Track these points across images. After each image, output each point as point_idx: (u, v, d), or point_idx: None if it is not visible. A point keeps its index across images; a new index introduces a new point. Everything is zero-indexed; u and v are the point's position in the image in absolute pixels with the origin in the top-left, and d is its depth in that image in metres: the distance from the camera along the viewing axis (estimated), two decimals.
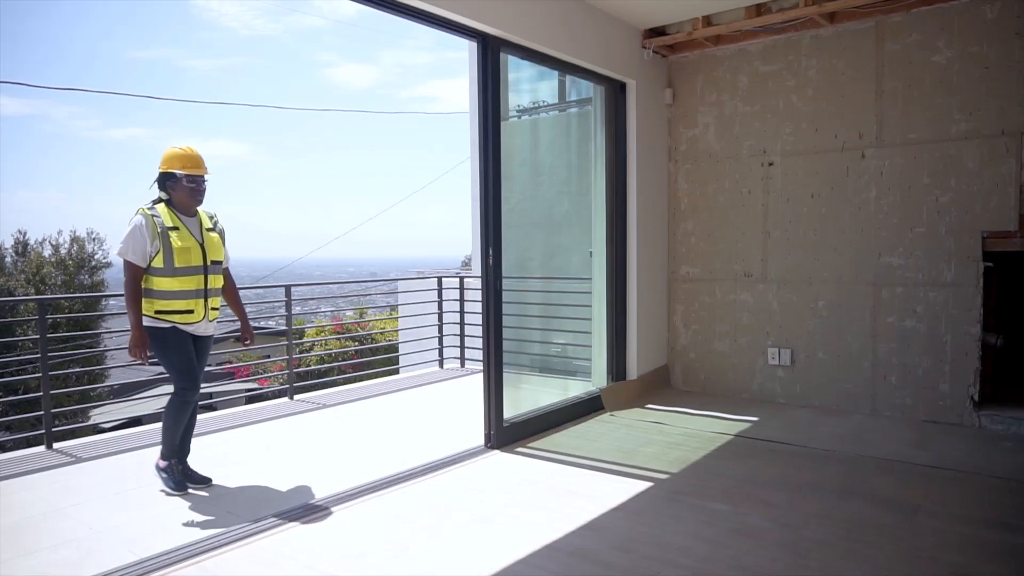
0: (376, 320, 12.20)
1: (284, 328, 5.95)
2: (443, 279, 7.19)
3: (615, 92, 5.22)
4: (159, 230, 3.32)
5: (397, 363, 10.42)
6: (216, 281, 3.52)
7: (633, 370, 5.39)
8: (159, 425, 5.05)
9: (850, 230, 4.89)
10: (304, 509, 3.21)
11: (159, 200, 3.45)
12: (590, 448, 4.17)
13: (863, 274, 4.85)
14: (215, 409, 6.90)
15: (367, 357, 10.50)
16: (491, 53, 4.09)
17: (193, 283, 3.38)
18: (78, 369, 14.10)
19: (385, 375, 7.26)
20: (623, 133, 5.28)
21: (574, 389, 5.28)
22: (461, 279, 7.09)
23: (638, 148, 5.28)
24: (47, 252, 14.85)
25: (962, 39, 4.42)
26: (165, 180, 3.42)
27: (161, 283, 3.31)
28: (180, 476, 3.51)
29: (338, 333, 13.76)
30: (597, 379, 5.32)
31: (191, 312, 3.40)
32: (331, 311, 15.82)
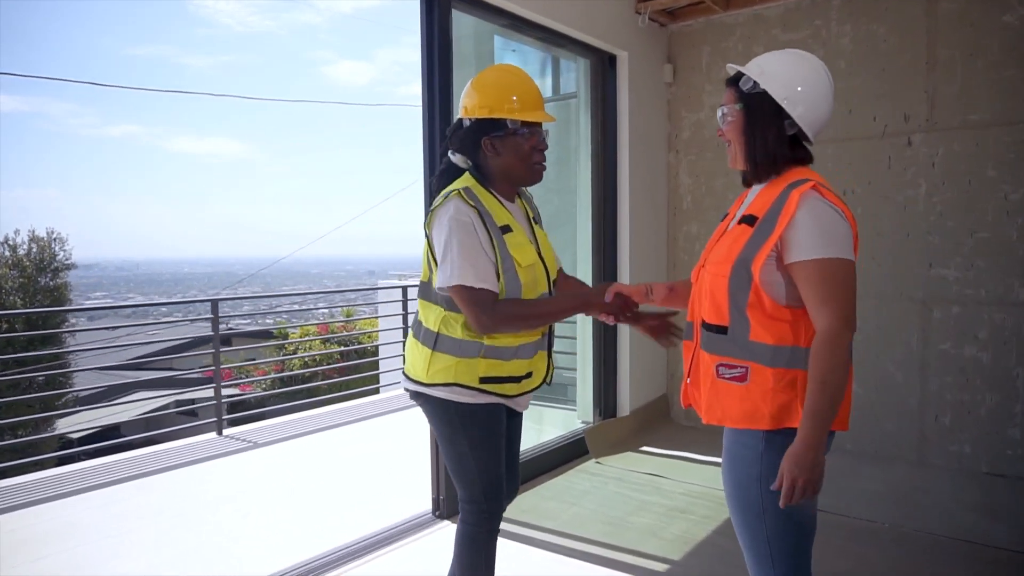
0: (338, 336, 11.09)
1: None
2: (408, 288, 6.25)
3: (603, 67, 4.29)
4: (489, 231, 1.76)
5: (377, 381, 9.53)
6: None
7: (625, 404, 4.47)
8: (92, 463, 3.99)
9: (893, 235, 3.96)
10: None
11: (447, 170, 1.90)
12: (569, 516, 3.26)
13: (909, 289, 3.93)
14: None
15: (333, 378, 9.57)
16: (439, 9, 3.13)
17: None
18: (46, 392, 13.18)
19: (366, 395, 6.37)
20: (613, 117, 4.34)
21: (553, 423, 4.38)
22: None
23: (631, 135, 4.35)
24: (7, 253, 13.89)
25: None
26: (481, 133, 1.81)
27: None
28: None
29: (289, 354, 11.36)
30: (582, 412, 4.42)
31: (530, 376, 1.89)
32: (278, 327, 13.98)
